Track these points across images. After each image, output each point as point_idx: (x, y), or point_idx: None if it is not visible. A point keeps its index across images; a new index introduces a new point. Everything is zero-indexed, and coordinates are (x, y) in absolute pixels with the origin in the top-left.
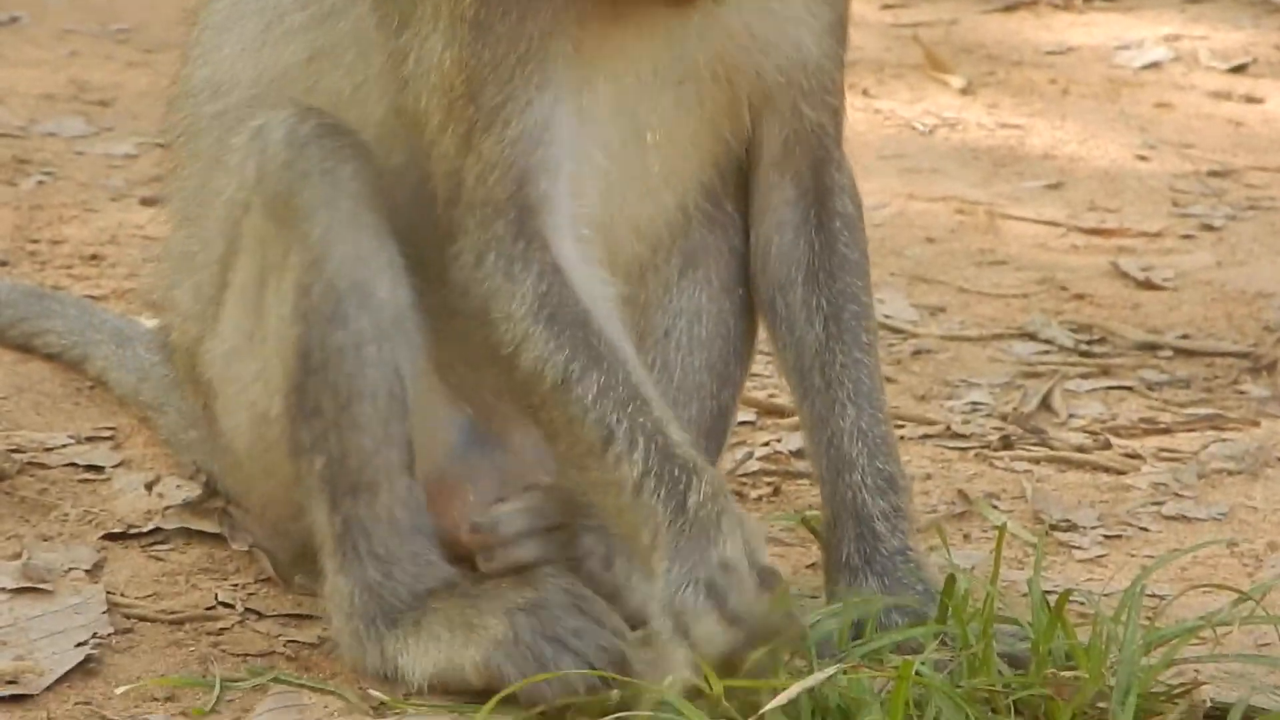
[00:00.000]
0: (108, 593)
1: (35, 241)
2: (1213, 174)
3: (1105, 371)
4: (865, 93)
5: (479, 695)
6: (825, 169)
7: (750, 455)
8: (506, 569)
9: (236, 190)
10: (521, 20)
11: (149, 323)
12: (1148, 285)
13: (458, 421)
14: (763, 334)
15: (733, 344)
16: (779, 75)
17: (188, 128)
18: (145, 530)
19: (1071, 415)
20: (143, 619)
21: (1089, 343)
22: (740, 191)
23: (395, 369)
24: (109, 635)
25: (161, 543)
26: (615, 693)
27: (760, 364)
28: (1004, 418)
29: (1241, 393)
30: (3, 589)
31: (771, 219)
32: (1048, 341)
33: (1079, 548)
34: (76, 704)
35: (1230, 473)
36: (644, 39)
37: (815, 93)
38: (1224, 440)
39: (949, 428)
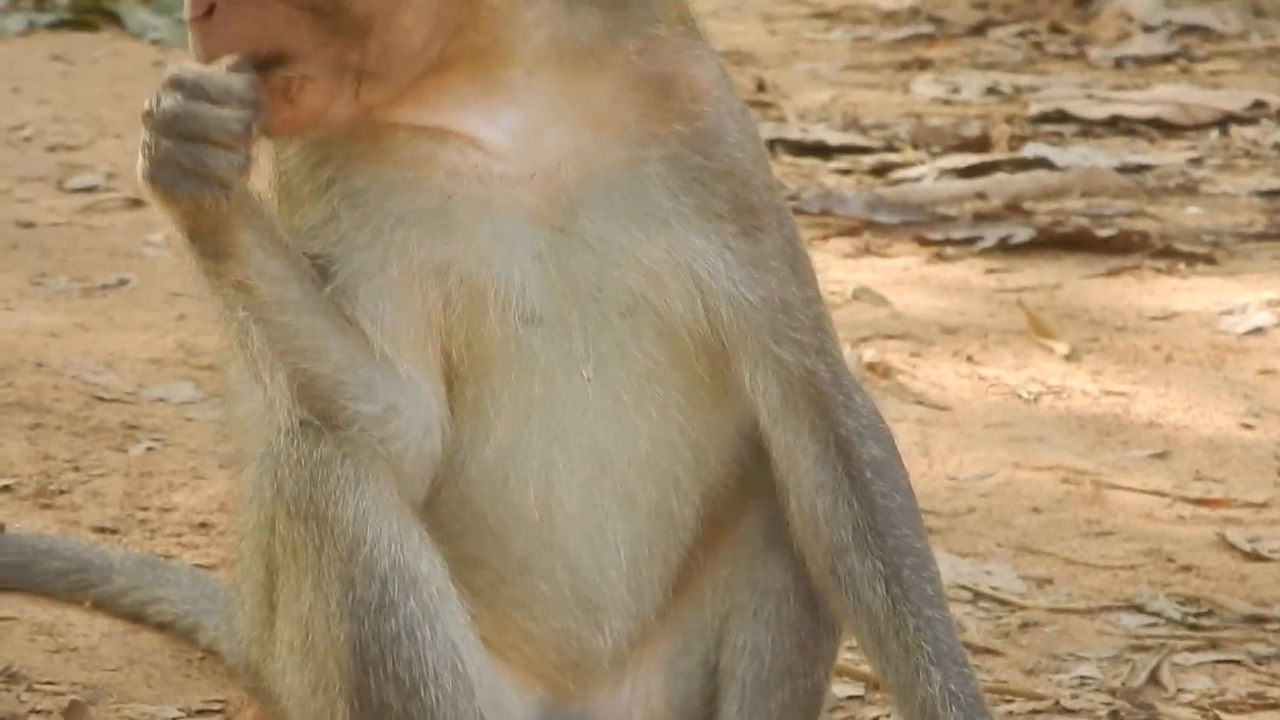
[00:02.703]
0: None
1: (145, 509)
2: None
3: (1213, 645)
4: (970, 359)
5: None
6: (836, 417)
7: None
8: None
9: (260, 512)
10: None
11: None
12: (1255, 556)
13: (529, 701)
14: None
15: (822, 619)
16: (704, 314)
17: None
18: None
19: (1180, 690)
20: None
21: (1196, 615)
22: None
23: (453, 645)
24: None
25: None
26: None
27: None
28: (1113, 692)
29: None
30: None
31: (808, 481)
32: (1155, 614)
33: None
34: None
35: None
36: (534, 268)
37: (781, 332)
38: None
39: (1058, 702)
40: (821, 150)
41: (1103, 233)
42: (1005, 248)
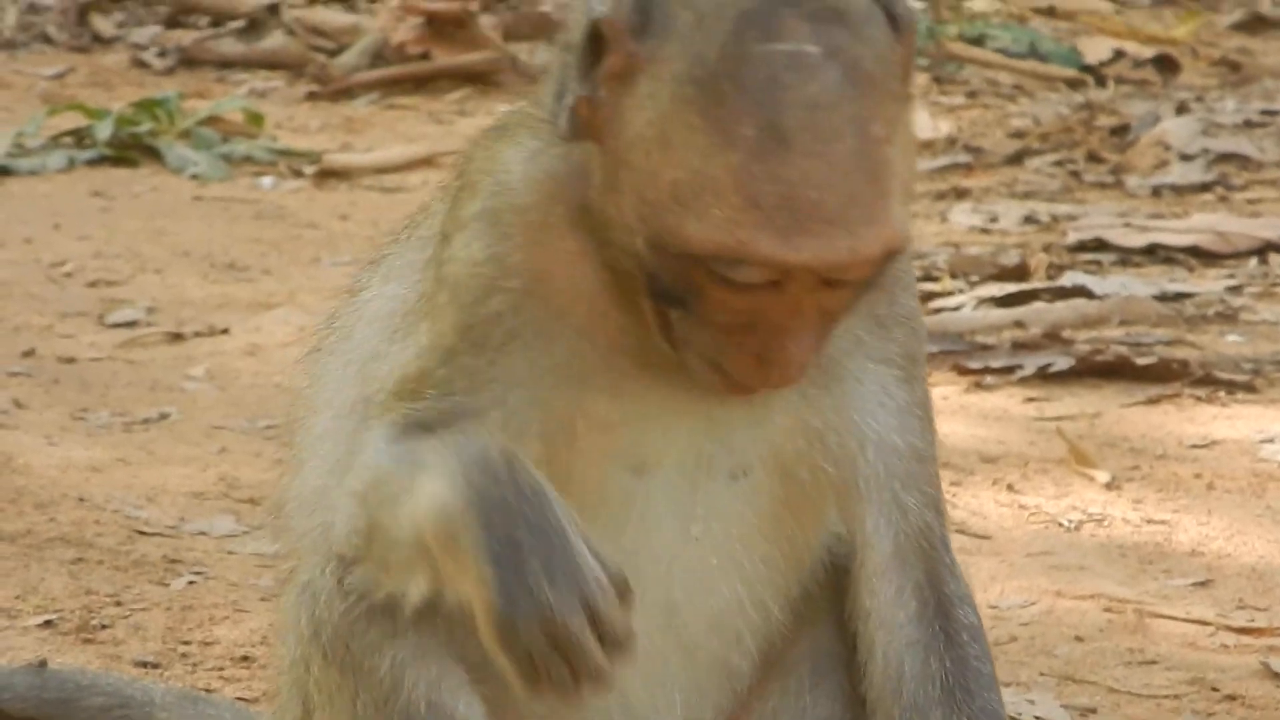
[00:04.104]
0: None
1: (187, 643)
2: None
3: None
4: (1010, 488)
5: None
6: (943, 577)
7: None
8: None
9: (296, 647)
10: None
11: None
12: None
13: None
14: None
15: None
16: (854, 464)
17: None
18: None
19: None
20: None
21: None
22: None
23: None
24: None
25: None
26: None
27: None
28: None
29: None
30: None
31: (899, 637)
32: None
33: None
34: None
35: None
36: (680, 422)
37: (910, 479)
38: None
39: None
40: None
41: (1142, 361)
42: (1044, 376)
